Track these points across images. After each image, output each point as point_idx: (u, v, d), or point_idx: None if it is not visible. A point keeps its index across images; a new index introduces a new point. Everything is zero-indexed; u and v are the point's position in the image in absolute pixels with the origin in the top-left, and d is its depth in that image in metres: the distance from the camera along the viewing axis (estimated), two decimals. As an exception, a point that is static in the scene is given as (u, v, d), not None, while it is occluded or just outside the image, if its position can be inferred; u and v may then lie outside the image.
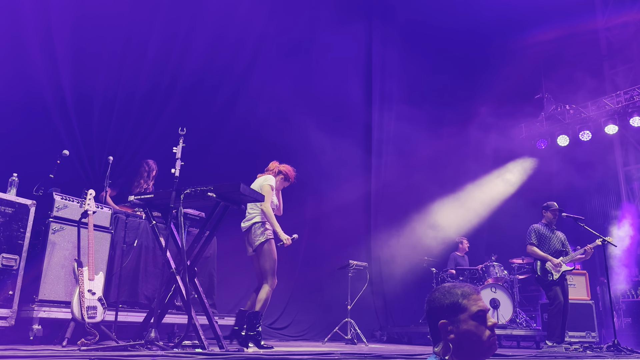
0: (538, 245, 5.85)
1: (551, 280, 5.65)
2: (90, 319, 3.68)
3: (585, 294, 7.76)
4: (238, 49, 7.76)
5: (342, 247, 8.39)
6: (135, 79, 6.40)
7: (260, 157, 7.21)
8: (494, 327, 1.62)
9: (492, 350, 1.61)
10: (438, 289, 1.71)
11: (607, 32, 11.46)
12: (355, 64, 9.93)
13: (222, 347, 3.51)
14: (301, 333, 7.79)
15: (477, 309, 1.61)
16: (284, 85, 8.26)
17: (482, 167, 10.58)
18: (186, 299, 3.51)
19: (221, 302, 6.27)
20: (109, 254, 4.47)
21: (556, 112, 10.71)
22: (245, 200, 3.80)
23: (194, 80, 7.08)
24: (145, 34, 6.57)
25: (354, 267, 6.77)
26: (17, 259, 3.83)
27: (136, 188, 5.33)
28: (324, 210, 8.48)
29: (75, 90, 5.84)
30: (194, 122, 6.64)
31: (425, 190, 9.74)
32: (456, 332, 1.60)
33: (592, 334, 7.36)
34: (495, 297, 7.25)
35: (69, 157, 5.09)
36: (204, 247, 3.88)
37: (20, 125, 5.35)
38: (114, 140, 6.08)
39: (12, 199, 3.90)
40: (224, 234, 5.73)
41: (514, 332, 7.20)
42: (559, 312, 5.55)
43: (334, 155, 8.65)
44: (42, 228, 4.06)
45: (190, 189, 3.58)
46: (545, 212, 6.06)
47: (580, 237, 8.25)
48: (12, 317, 3.73)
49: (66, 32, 5.77)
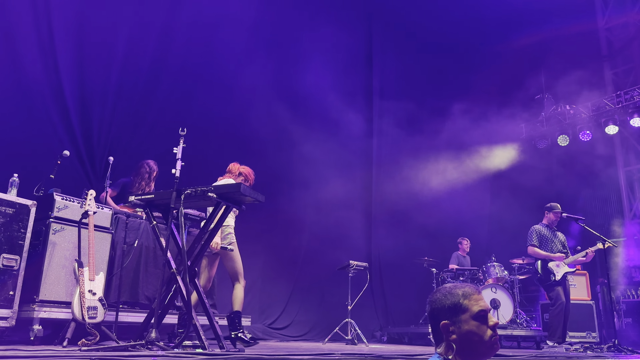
0: (539, 246, 5.84)
1: (553, 280, 5.63)
2: (91, 320, 3.68)
3: (585, 294, 7.76)
4: (235, 46, 7.77)
5: (342, 248, 8.39)
6: (136, 79, 6.41)
7: (260, 157, 7.25)
8: (496, 326, 1.62)
9: (494, 350, 1.61)
10: (439, 289, 1.71)
11: (607, 33, 11.47)
12: (354, 61, 9.92)
13: (222, 347, 3.50)
14: (302, 333, 7.79)
15: (478, 309, 1.61)
16: (280, 82, 8.25)
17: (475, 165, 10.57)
18: (187, 300, 3.51)
19: (221, 302, 6.27)
20: (109, 255, 4.47)
21: (556, 112, 10.72)
22: (246, 201, 3.79)
23: (193, 80, 7.09)
24: (145, 33, 6.57)
25: (354, 268, 6.76)
26: (17, 259, 3.83)
27: (137, 189, 5.33)
28: (324, 210, 8.48)
29: (76, 91, 5.84)
30: (193, 121, 6.65)
31: (426, 190, 9.74)
32: (458, 332, 1.61)
33: (592, 334, 7.36)
34: (495, 297, 7.24)
35: (70, 157, 5.10)
36: (205, 248, 3.88)
37: (21, 125, 5.36)
38: (114, 141, 6.08)
39: (13, 199, 3.89)
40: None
41: (514, 332, 7.19)
42: (560, 313, 5.54)
43: (334, 154, 8.65)
44: (42, 228, 4.05)
45: (190, 190, 3.58)
46: (548, 213, 6.02)
47: (582, 238, 8.27)
48: (12, 318, 3.73)
49: (66, 31, 5.77)
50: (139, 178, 5.36)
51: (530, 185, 10.32)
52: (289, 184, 8.10)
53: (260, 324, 7.35)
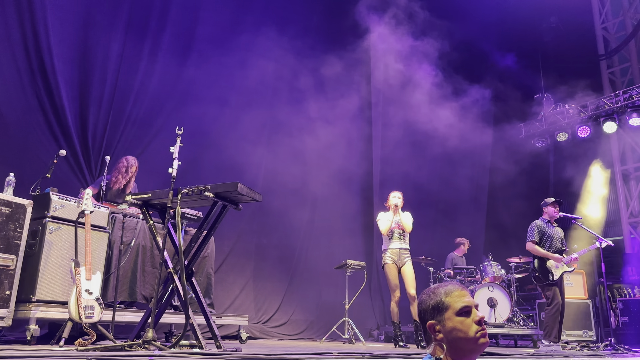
0: (540, 242, 5.74)
1: (551, 280, 5.59)
2: (88, 319, 3.67)
3: (582, 293, 7.78)
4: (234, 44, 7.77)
5: (339, 247, 8.39)
6: (132, 78, 6.39)
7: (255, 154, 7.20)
8: (482, 321, 1.59)
9: (482, 345, 1.58)
10: (425, 291, 1.71)
11: (604, 32, 11.49)
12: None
13: (219, 346, 3.50)
14: (299, 332, 7.79)
15: (461, 305, 1.59)
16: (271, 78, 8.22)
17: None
18: (184, 299, 3.50)
19: (218, 301, 6.27)
20: (106, 254, 4.46)
21: (555, 111, 10.74)
22: (243, 200, 3.78)
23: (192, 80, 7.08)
24: (140, 32, 6.56)
25: (352, 267, 6.77)
26: (14, 259, 3.82)
27: (114, 184, 5.26)
28: (322, 209, 8.48)
29: (72, 91, 5.82)
30: (191, 122, 6.64)
31: (426, 190, 9.73)
32: (444, 331, 1.60)
33: (589, 332, 7.38)
34: (492, 296, 7.25)
35: (66, 156, 5.08)
36: (202, 247, 3.87)
37: (17, 125, 5.34)
38: (110, 140, 6.06)
39: (9, 198, 3.88)
40: (221, 233, 5.73)
41: (511, 331, 7.21)
42: (557, 313, 5.51)
43: (334, 154, 8.64)
44: (39, 228, 4.04)
45: (187, 189, 3.57)
46: (546, 208, 5.93)
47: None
48: (8, 317, 3.72)
49: (62, 30, 5.75)
50: (116, 172, 5.29)
51: (529, 185, 10.36)
52: (284, 182, 8.09)
53: (257, 323, 7.34)
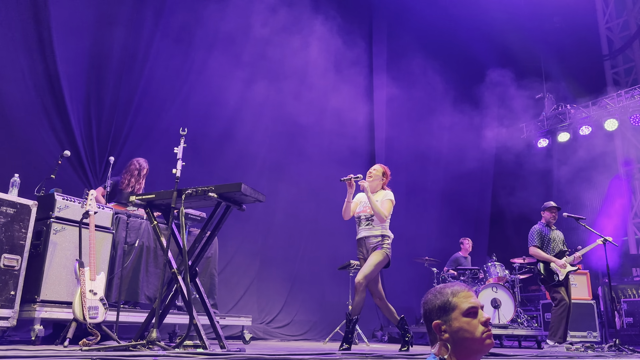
0: (541, 247, 5.84)
1: (557, 281, 5.63)
2: (92, 319, 3.68)
3: (586, 294, 7.76)
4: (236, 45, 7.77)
5: (342, 247, 8.38)
6: (136, 79, 6.40)
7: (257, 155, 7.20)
8: (488, 322, 1.60)
9: (488, 346, 1.60)
10: (430, 291, 1.71)
11: (608, 32, 11.46)
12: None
13: (223, 347, 3.50)
14: (302, 333, 7.79)
15: (468, 306, 1.60)
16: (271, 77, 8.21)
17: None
18: (187, 299, 3.50)
19: (222, 302, 6.27)
20: (110, 254, 4.47)
21: (557, 111, 10.72)
22: (247, 201, 3.78)
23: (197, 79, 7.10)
24: (145, 33, 6.57)
25: (355, 267, 6.76)
26: (18, 259, 3.83)
27: (127, 187, 5.28)
28: (324, 209, 8.47)
29: (75, 92, 5.84)
30: (195, 123, 6.66)
31: (426, 189, 9.73)
32: (449, 331, 1.60)
33: (593, 333, 7.35)
34: (496, 296, 7.23)
35: (70, 157, 5.09)
36: (205, 247, 3.88)
37: (21, 126, 5.36)
38: (114, 141, 6.08)
39: (14, 199, 3.89)
40: (225, 234, 5.72)
41: (515, 331, 7.18)
42: (564, 313, 5.52)
43: (334, 153, 8.64)
44: (43, 228, 4.05)
45: (191, 189, 3.58)
46: (544, 212, 6.06)
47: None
48: (13, 318, 3.73)
49: (65, 31, 5.77)
50: (128, 175, 5.31)
51: (529, 184, 10.34)
52: (288, 181, 8.10)
53: (261, 323, 7.34)
